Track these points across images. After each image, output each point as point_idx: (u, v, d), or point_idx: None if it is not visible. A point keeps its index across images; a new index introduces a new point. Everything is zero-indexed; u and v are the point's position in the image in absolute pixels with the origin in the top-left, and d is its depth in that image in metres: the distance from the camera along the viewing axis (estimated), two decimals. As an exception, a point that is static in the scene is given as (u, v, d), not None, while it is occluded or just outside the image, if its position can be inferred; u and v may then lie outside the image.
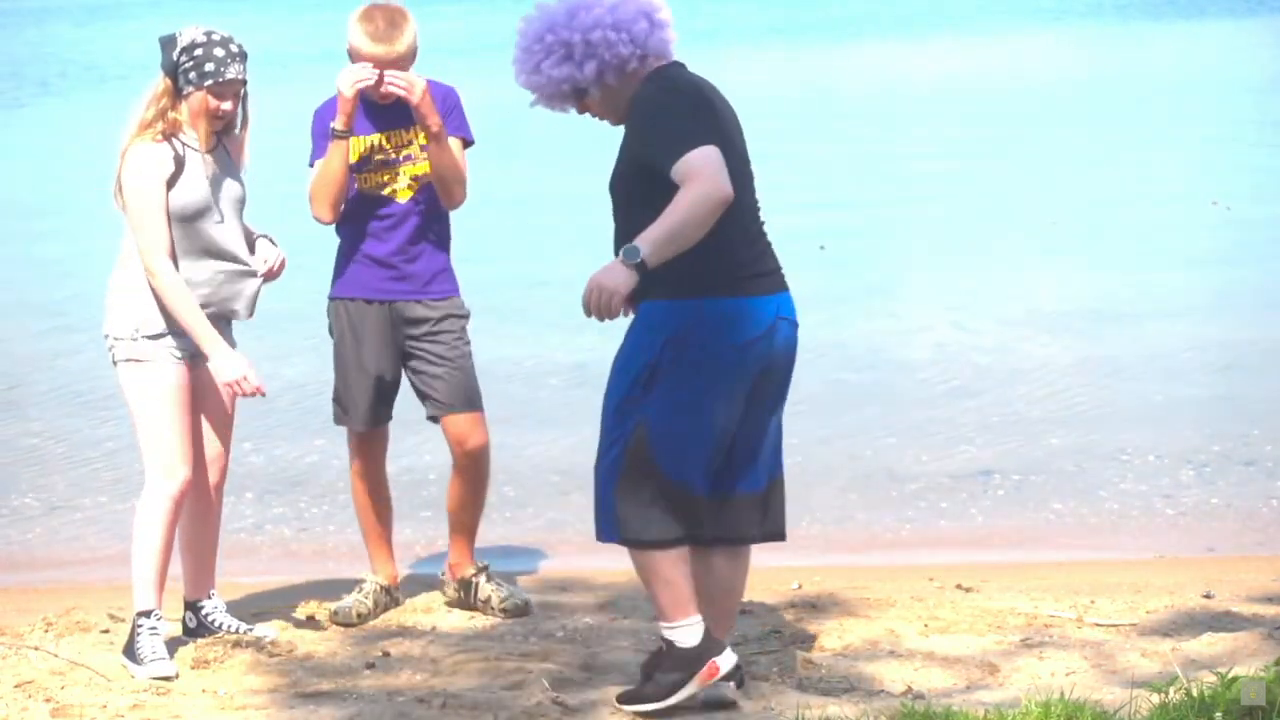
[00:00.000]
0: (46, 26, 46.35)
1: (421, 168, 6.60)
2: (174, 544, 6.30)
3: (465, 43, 39.10)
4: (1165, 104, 24.40)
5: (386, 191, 6.60)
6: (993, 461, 9.33)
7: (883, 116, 23.57)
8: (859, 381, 10.79)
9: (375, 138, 6.58)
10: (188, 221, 6.14)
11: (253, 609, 6.89)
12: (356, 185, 6.61)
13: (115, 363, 6.23)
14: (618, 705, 5.67)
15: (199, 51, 6.08)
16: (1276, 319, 12.11)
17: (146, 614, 6.23)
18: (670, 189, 5.35)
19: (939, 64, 30.90)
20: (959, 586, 7.29)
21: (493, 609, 6.69)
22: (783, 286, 5.65)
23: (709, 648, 5.61)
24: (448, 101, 6.59)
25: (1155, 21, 39.55)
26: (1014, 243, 14.94)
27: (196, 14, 11.66)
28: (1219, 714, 5.07)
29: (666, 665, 5.62)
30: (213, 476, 6.44)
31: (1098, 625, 6.64)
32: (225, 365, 6.12)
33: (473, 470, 6.71)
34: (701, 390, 5.51)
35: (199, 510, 6.42)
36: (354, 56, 6.47)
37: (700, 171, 5.31)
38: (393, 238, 6.61)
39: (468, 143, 6.66)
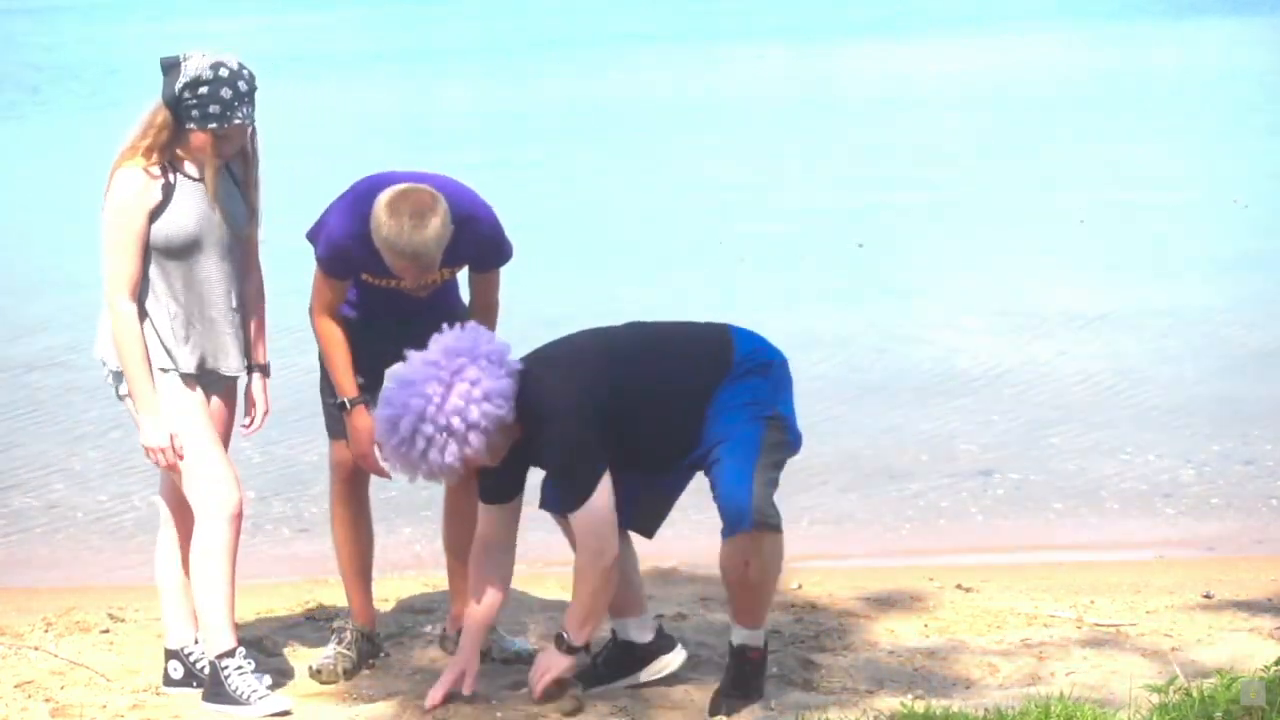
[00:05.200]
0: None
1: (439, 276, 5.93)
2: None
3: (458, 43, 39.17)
4: (1178, 102, 24.41)
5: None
6: (993, 461, 9.32)
7: (900, 116, 23.56)
8: (860, 380, 10.78)
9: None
10: (174, 256, 5.69)
11: (253, 609, 6.89)
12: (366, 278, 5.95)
13: (120, 397, 5.82)
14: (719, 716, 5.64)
15: (204, 90, 5.56)
16: (1278, 319, 12.11)
17: (230, 654, 5.77)
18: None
19: (955, 64, 30.89)
20: (959, 586, 7.29)
21: (492, 659, 6.24)
22: None
23: None
24: (487, 238, 5.90)
25: (1168, 20, 39.53)
26: (1021, 242, 14.93)
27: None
28: (1219, 714, 5.07)
29: (761, 670, 5.72)
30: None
31: (1098, 625, 6.64)
32: (148, 428, 5.68)
33: None
34: None
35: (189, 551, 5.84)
36: (379, 248, 5.67)
37: (586, 540, 5.51)
38: (405, 330, 5.84)
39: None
